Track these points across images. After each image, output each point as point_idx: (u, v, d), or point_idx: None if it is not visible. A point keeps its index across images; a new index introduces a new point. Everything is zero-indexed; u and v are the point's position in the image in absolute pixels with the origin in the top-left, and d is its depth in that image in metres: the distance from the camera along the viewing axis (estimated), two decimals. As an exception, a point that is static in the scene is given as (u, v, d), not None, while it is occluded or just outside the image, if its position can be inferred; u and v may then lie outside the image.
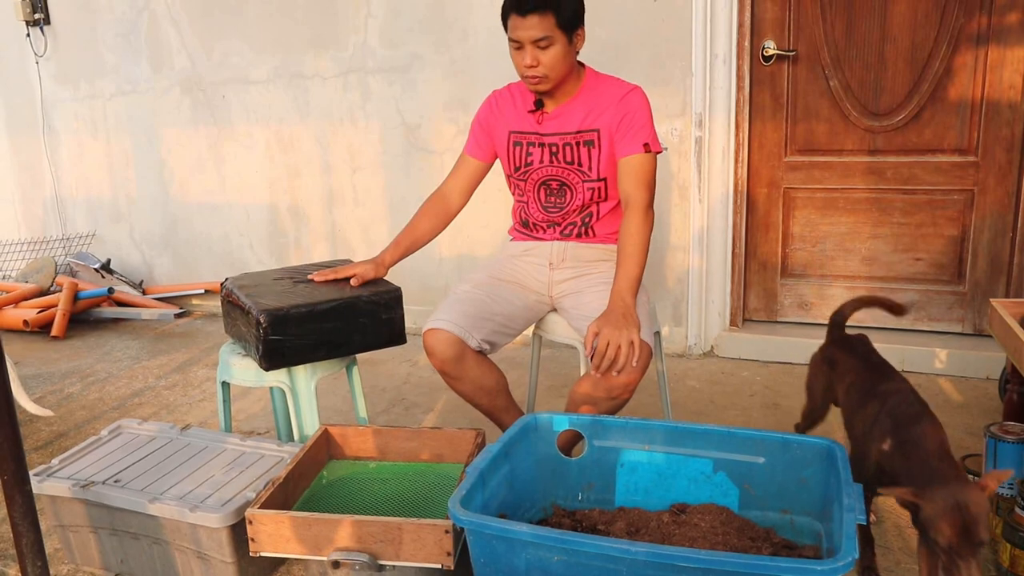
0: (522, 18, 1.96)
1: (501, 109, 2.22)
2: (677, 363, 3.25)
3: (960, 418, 2.63)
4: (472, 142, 2.27)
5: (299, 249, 4.04)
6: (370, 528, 1.60)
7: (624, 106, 2.08)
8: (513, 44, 2.01)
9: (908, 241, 3.12)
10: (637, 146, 2.07)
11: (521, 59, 2.00)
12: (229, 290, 2.22)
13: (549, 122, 2.14)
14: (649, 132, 2.09)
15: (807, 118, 3.13)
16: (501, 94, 2.25)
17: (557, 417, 1.81)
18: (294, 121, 3.87)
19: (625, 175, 2.08)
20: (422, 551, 1.58)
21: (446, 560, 1.57)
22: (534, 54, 1.98)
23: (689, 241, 3.25)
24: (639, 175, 2.06)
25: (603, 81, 2.14)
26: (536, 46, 1.97)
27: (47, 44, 4.31)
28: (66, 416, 2.98)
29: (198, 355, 3.63)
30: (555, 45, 1.98)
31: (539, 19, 1.95)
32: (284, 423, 2.43)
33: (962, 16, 2.87)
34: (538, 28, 1.95)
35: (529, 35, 1.96)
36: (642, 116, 2.09)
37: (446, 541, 1.56)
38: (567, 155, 2.14)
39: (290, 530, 1.63)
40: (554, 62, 2.00)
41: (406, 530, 1.58)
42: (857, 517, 1.34)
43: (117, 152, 4.33)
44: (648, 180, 2.07)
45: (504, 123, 2.21)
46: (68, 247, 4.47)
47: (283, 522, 1.64)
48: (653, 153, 2.09)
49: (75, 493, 1.89)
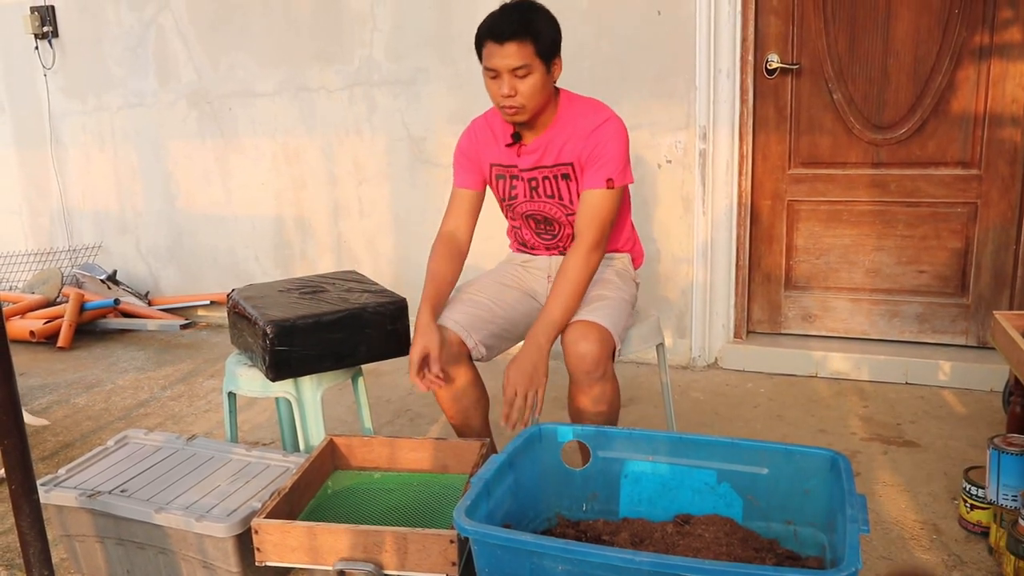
0: (499, 46, 1.89)
1: (481, 139, 2.15)
2: (681, 375, 3.25)
3: (964, 430, 2.63)
4: (460, 174, 2.19)
5: (304, 261, 4.05)
6: (375, 538, 1.61)
7: (595, 138, 2.00)
8: (489, 73, 1.94)
9: (912, 253, 3.12)
10: (599, 181, 1.99)
11: (498, 88, 1.93)
12: (235, 301, 2.23)
13: (527, 155, 2.08)
14: (615, 166, 2.00)
15: (811, 131, 3.15)
16: (479, 124, 2.18)
17: (561, 428, 1.82)
18: (300, 133, 3.90)
19: (581, 209, 2.02)
20: (427, 561, 1.59)
21: (451, 570, 1.58)
22: (512, 83, 1.91)
23: (693, 253, 3.26)
24: (594, 212, 1.99)
25: (578, 109, 2.05)
26: (514, 75, 1.90)
27: (55, 57, 4.35)
28: (72, 426, 2.99)
29: (203, 366, 3.65)
30: (533, 74, 1.91)
31: (518, 47, 1.88)
32: (290, 434, 2.44)
33: (964, 31, 2.89)
34: (516, 56, 1.89)
35: (507, 63, 1.89)
36: (611, 148, 2.00)
37: (451, 551, 1.57)
38: (547, 188, 2.10)
39: (296, 540, 1.64)
40: (532, 92, 1.93)
41: (411, 540, 1.59)
42: (860, 528, 1.35)
43: (124, 164, 4.36)
44: (603, 218, 2.00)
45: (486, 155, 2.15)
46: (74, 258, 4.49)
47: (289, 532, 1.64)
48: (617, 188, 2.01)
49: (82, 503, 1.90)
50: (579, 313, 1.98)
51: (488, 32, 1.91)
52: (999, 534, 1.88)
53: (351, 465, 2.07)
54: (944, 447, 2.53)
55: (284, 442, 2.48)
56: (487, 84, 1.97)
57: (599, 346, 1.91)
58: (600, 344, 1.91)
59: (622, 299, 2.10)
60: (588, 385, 1.94)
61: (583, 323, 1.95)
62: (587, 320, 1.95)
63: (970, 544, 1.99)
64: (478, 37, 1.95)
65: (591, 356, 1.90)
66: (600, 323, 1.94)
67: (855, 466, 2.39)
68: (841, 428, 2.70)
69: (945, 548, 1.98)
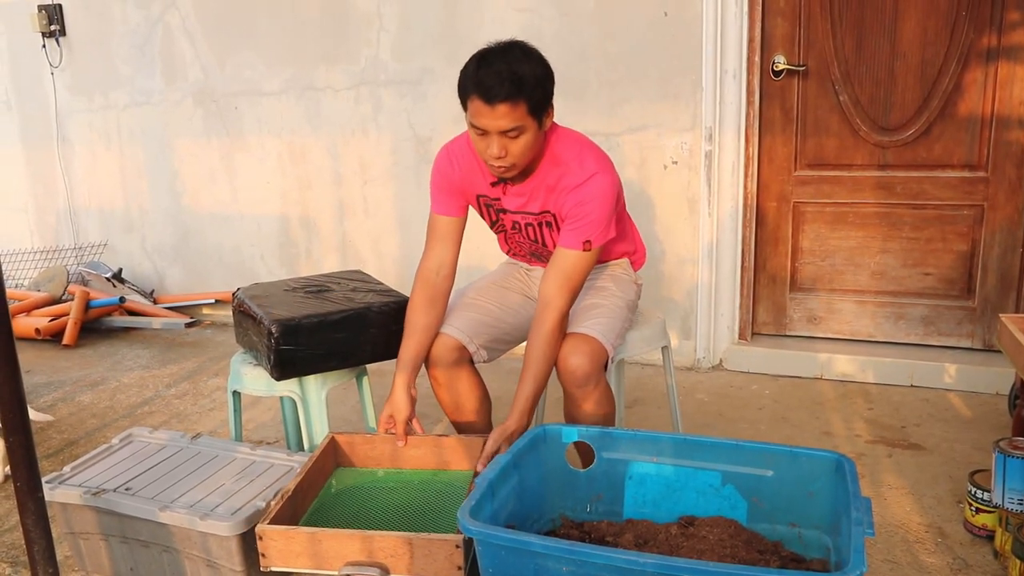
0: (489, 107, 1.73)
1: (463, 168, 2.01)
2: (686, 376, 3.25)
3: (969, 433, 2.63)
4: (440, 200, 2.06)
5: (310, 260, 4.06)
6: (381, 543, 1.60)
7: (578, 195, 1.88)
8: (476, 131, 1.79)
9: (918, 256, 3.12)
10: (576, 242, 1.89)
11: (486, 147, 1.79)
12: (241, 300, 2.23)
13: (513, 197, 1.99)
14: (595, 229, 1.89)
15: (817, 133, 3.14)
16: (459, 150, 2.02)
17: (566, 429, 1.81)
18: (306, 133, 3.90)
19: (554, 268, 1.92)
20: (432, 565, 1.59)
21: (456, 574, 1.57)
22: (502, 144, 1.77)
23: (698, 254, 3.26)
24: (567, 275, 1.90)
25: (566, 156, 1.91)
26: (505, 136, 1.76)
27: (62, 55, 4.36)
28: (77, 424, 2.99)
29: (208, 364, 3.65)
30: (525, 134, 1.78)
31: (509, 108, 1.73)
32: (294, 433, 2.44)
33: (972, 33, 2.88)
34: (508, 119, 1.74)
35: (497, 125, 1.74)
36: (595, 208, 1.88)
37: (456, 555, 1.57)
38: (531, 234, 2.07)
39: (300, 545, 1.64)
40: (523, 151, 1.80)
41: (417, 545, 1.59)
42: (865, 531, 1.34)
43: (130, 163, 4.37)
44: (576, 282, 1.92)
45: (470, 184, 2.02)
46: (80, 256, 4.50)
47: (293, 538, 1.64)
48: (594, 250, 1.92)
49: (86, 500, 1.90)
50: (571, 325, 1.97)
51: (475, 88, 1.74)
52: (1004, 538, 1.88)
53: (353, 463, 2.07)
54: (949, 450, 2.52)
55: (288, 441, 2.48)
56: (472, 137, 1.83)
57: (589, 359, 1.90)
58: (591, 357, 1.91)
59: (617, 305, 2.09)
60: (581, 396, 1.95)
61: (574, 336, 1.94)
62: (578, 333, 1.95)
63: (975, 548, 1.98)
64: (463, 87, 1.79)
65: (582, 369, 1.90)
66: (591, 335, 1.94)
67: (860, 469, 2.38)
68: (846, 430, 2.70)
69: (950, 551, 1.98)
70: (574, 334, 1.95)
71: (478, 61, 1.78)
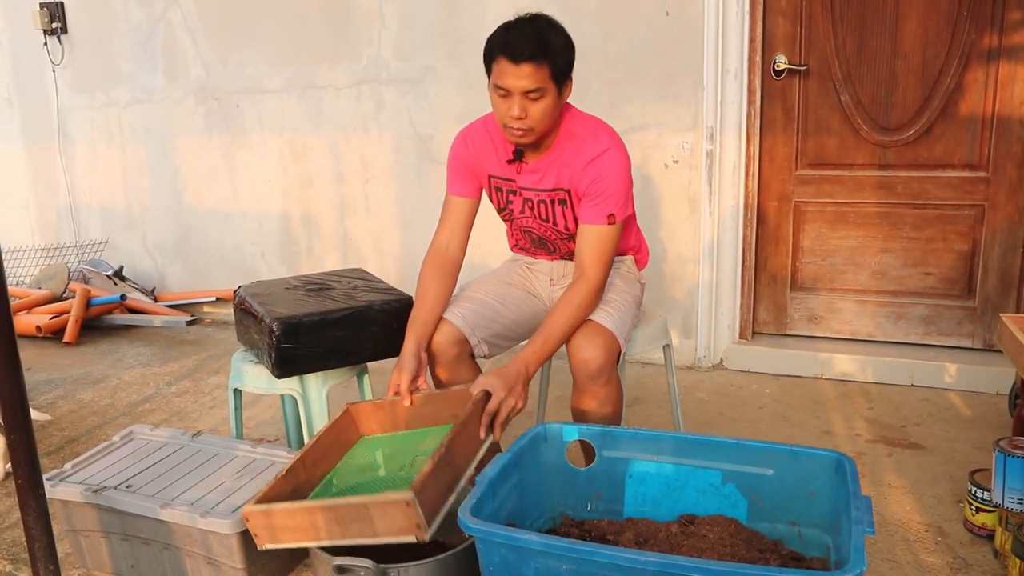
0: (515, 66, 1.79)
1: (479, 148, 2.07)
2: (686, 375, 3.25)
3: (969, 433, 2.63)
4: (455, 181, 2.11)
5: (311, 258, 4.06)
6: (342, 512, 1.59)
7: (593, 171, 1.93)
8: (498, 91, 1.84)
9: (918, 256, 3.12)
10: (600, 217, 1.94)
11: (507, 109, 1.83)
12: (242, 298, 2.24)
13: (527, 174, 2.02)
14: (616, 201, 1.94)
15: (818, 132, 3.14)
16: (474, 132, 2.09)
17: (567, 427, 1.82)
18: (307, 131, 3.90)
19: (584, 243, 1.96)
20: (395, 526, 1.57)
21: (419, 532, 1.54)
22: (523, 105, 1.82)
23: (699, 253, 3.26)
24: (597, 248, 1.94)
25: (579, 132, 1.97)
26: (526, 97, 1.81)
27: (64, 53, 4.36)
28: (77, 422, 3.00)
29: (209, 362, 3.65)
30: (546, 98, 1.83)
31: (534, 69, 1.79)
32: (295, 430, 2.45)
33: (973, 33, 2.88)
34: (531, 79, 1.80)
35: (520, 85, 1.80)
36: (612, 182, 1.93)
37: (410, 513, 1.54)
38: (542, 212, 2.06)
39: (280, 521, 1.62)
40: (543, 115, 1.85)
41: (373, 508, 1.57)
42: (865, 530, 1.34)
43: (131, 160, 4.37)
44: (607, 254, 1.96)
45: (483, 164, 2.07)
46: (81, 254, 4.51)
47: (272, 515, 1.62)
48: (618, 223, 1.96)
49: (87, 498, 1.91)
50: None
51: (502, 48, 1.81)
52: (1004, 537, 1.88)
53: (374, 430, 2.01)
54: (949, 449, 2.52)
55: (289, 439, 2.48)
56: (494, 101, 1.88)
57: (604, 351, 1.90)
58: (605, 349, 1.91)
59: (626, 301, 2.10)
60: (592, 389, 1.94)
61: (589, 326, 1.94)
62: (592, 322, 1.95)
63: (975, 547, 1.99)
64: (489, 50, 1.85)
65: (596, 361, 1.90)
66: (606, 327, 1.94)
67: (860, 468, 2.38)
68: (846, 430, 2.70)
69: (950, 551, 1.98)
70: (588, 323, 1.94)
71: (505, 27, 1.85)
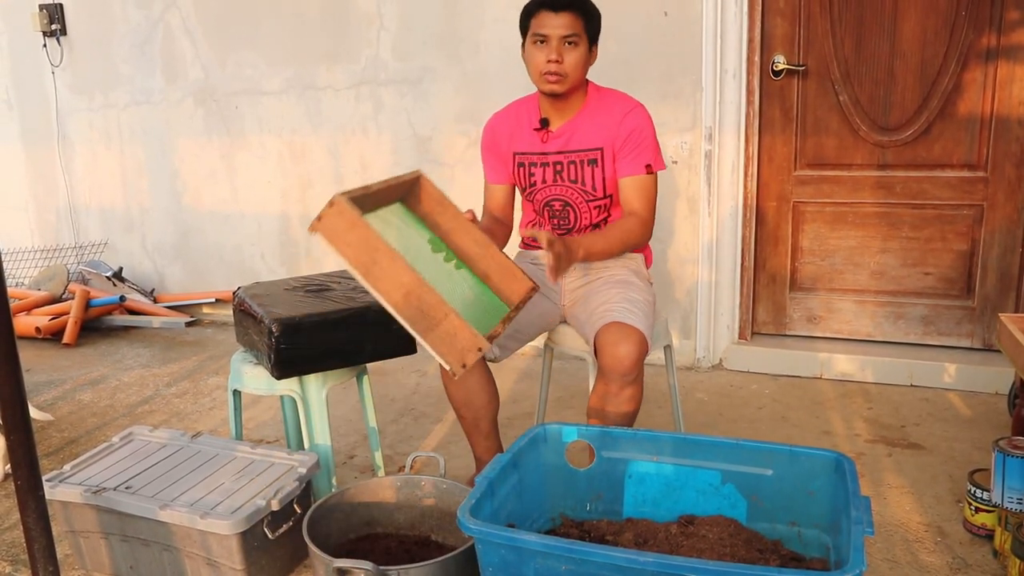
0: (555, 14, 1.99)
1: (501, 132, 2.22)
2: (686, 376, 3.25)
3: (969, 433, 2.63)
4: (490, 170, 2.27)
5: (310, 259, 4.06)
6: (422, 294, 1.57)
7: (627, 125, 2.08)
8: (537, 38, 2.02)
9: (917, 256, 3.12)
10: (639, 167, 2.08)
11: (545, 55, 2.01)
12: (241, 299, 2.24)
13: (554, 140, 2.14)
14: (652, 152, 2.10)
15: (817, 132, 3.14)
16: (500, 117, 2.25)
17: (566, 428, 1.82)
18: (306, 132, 3.90)
19: (628, 191, 2.10)
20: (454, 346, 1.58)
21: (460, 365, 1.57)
22: (560, 50, 2.00)
23: (698, 254, 3.26)
24: (642, 194, 2.10)
25: (606, 97, 2.14)
26: (563, 42, 2.00)
27: (63, 55, 4.36)
28: (77, 423, 3.00)
29: (208, 363, 3.65)
30: (579, 47, 2.02)
31: (572, 18, 2.00)
32: (294, 431, 2.45)
33: (971, 33, 2.88)
34: (569, 26, 1.99)
35: (559, 32, 1.99)
36: (645, 135, 2.09)
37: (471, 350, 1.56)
38: (571, 173, 2.14)
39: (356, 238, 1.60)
40: (576, 63, 2.02)
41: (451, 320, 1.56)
42: (865, 530, 1.35)
43: (130, 162, 4.37)
44: (651, 199, 2.11)
45: (507, 145, 2.21)
46: (80, 255, 4.50)
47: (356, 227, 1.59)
48: (655, 174, 2.11)
49: (86, 499, 1.90)
50: (615, 314, 1.99)
51: (543, 1, 2.01)
52: (1004, 537, 1.88)
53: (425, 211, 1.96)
54: (949, 449, 2.52)
55: (288, 440, 2.48)
56: (530, 53, 2.04)
57: (636, 348, 1.92)
58: (638, 347, 1.92)
59: (648, 301, 2.12)
60: (621, 386, 1.95)
61: (621, 325, 1.95)
62: (624, 323, 1.96)
63: (975, 547, 1.99)
64: (527, 11, 2.04)
65: (630, 359, 1.91)
66: (637, 327, 1.95)
67: (859, 468, 2.38)
68: (846, 430, 2.70)
69: (949, 551, 1.98)
70: (620, 323, 1.96)
71: None
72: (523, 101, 2.21)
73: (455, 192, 2.21)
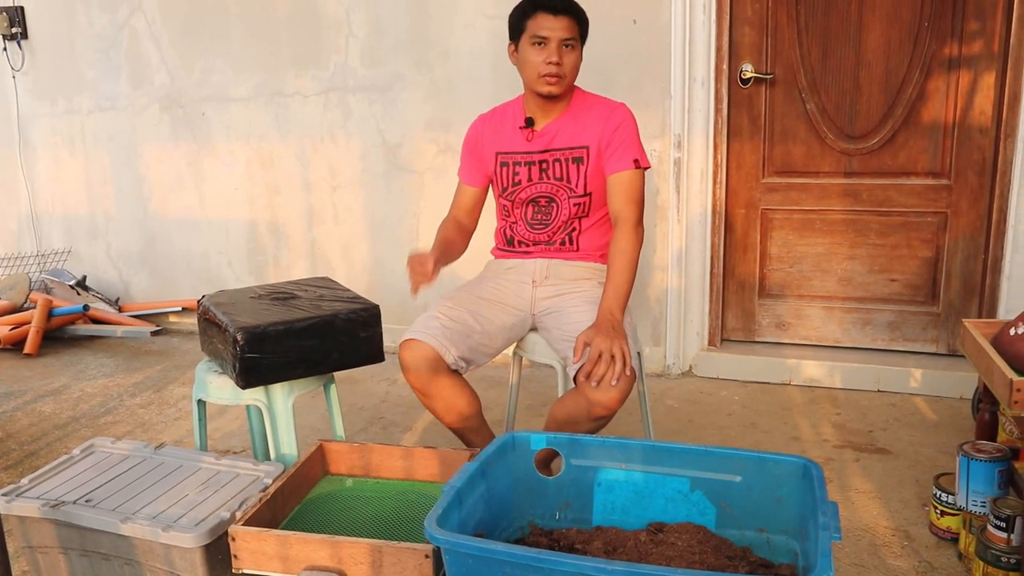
0: (554, 17, 2.04)
1: (486, 132, 2.26)
2: (656, 382, 3.25)
3: (934, 437, 2.66)
4: (465, 170, 2.30)
5: (278, 267, 4.02)
6: (351, 550, 1.58)
7: (614, 121, 2.12)
8: (535, 40, 2.05)
9: (883, 262, 3.15)
10: (627, 163, 2.11)
11: (544, 56, 2.04)
12: (206, 307, 2.20)
13: (539, 139, 2.18)
14: (638, 148, 2.13)
15: (784, 140, 3.17)
16: (485, 119, 2.28)
17: (535, 436, 1.80)
18: (274, 139, 3.87)
19: (615, 192, 2.12)
20: (401, 574, 1.57)
21: None
22: (560, 52, 2.04)
23: (668, 261, 3.27)
24: (629, 192, 2.10)
25: (589, 99, 2.19)
26: (562, 45, 2.04)
27: (24, 59, 4.28)
28: (38, 435, 2.93)
29: (174, 373, 3.60)
30: (576, 50, 2.08)
31: (570, 22, 2.05)
32: (260, 442, 2.41)
33: (934, 43, 2.93)
34: (568, 29, 2.04)
35: (559, 34, 2.03)
36: (630, 132, 2.13)
37: (426, 565, 1.55)
38: (556, 171, 2.17)
39: (272, 548, 1.62)
40: (572, 66, 2.08)
41: (386, 553, 1.57)
42: (832, 535, 1.35)
43: (95, 168, 4.30)
44: (638, 197, 2.12)
45: (491, 145, 2.24)
46: (43, 263, 4.42)
47: (266, 540, 1.62)
48: (642, 169, 2.13)
49: (44, 513, 1.85)
50: None
51: (541, 5, 2.05)
52: (968, 540, 1.90)
53: (340, 471, 2.04)
54: (915, 454, 2.55)
55: (255, 450, 2.44)
56: (528, 54, 2.07)
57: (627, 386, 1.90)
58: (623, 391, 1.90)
59: (630, 324, 2.12)
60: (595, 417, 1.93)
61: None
62: None
63: (940, 550, 2.01)
64: (523, 11, 2.08)
65: (618, 400, 1.90)
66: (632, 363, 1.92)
67: (827, 473, 2.40)
68: (814, 435, 2.72)
69: (916, 554, 1.99)
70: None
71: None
72: (508, 104, 2.25)
73: (425, 200, 2.20)
